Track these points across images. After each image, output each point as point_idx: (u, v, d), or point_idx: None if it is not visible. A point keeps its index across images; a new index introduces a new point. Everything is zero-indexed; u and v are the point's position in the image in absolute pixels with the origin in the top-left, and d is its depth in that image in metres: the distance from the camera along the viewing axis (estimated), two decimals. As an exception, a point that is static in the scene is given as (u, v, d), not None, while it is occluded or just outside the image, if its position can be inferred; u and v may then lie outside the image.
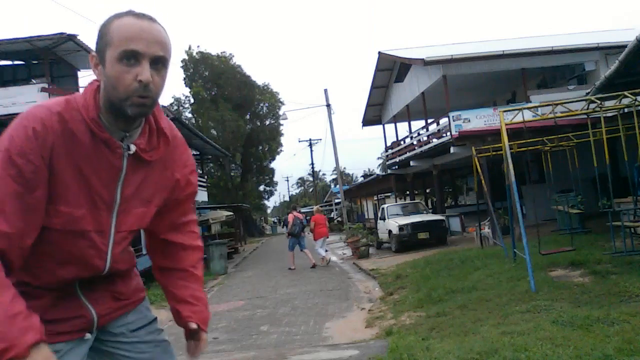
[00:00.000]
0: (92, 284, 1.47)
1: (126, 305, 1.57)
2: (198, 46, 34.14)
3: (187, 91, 36.52)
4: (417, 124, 21.65)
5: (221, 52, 36.18)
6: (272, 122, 38.82)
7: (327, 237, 16.38)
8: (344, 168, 59.52)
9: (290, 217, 15.14)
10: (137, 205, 1.46)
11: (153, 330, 1.63)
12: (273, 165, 45.05)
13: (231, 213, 28.41)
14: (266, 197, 48.77)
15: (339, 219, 35.01)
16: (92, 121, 1.31)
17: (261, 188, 45.68)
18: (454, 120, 15.25)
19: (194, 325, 1.60)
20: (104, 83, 1.31)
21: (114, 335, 1.55)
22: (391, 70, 22.86)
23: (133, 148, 1.37)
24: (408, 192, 27.59)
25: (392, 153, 23.79)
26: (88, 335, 1.46)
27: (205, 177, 25.82)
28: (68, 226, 1.33)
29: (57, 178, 1.29)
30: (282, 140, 42.77)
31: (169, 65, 1.36)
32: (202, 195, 23.16)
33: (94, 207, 1.36)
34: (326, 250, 15.33)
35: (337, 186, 29.76)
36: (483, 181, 10.53)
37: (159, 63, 1.30)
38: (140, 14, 1.31)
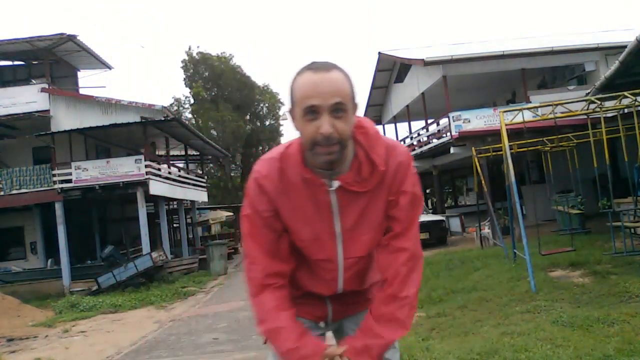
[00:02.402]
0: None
1: (351, 309, 1.76)
2: (198, 46, 34.10)
3: (187, 91, 36.31)
4: (417, 125, 21.63)
5: (221, 53, 35.96)
6: (272, 122, 38.72)
7: None
8: (344, 168, 59.26)
9: None
10: (364, 233, 1.56)
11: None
12: (273, 165, 44.89)
13: (231, 213, 28.40)
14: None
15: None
16: (298, 165, 1.49)
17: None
18: (454, 121, 15.23)
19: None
20: (300, 135, 1.46)
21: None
22: (391, 70, 22.83)
23: (336, 184, 1.48)
24: (408, 193, 27.53)
25: (392, 153, 23.74)
26: (322, 324, 1.77)
27: (205, 177, 25.84)
28: (304, 254, 1.59)
29: (283, 216, 1.54)
30: (283, 140, 42.71)
31: (354, 104, 1.44)
32: (202, 196, 23.18)
33: (317, 238, 1.55)
34: None
35: (337, 186, 29.68)
36: (483, 181, 10.53)
37: (339, 110, 1.38)
38: (317, 66, 1.40)
